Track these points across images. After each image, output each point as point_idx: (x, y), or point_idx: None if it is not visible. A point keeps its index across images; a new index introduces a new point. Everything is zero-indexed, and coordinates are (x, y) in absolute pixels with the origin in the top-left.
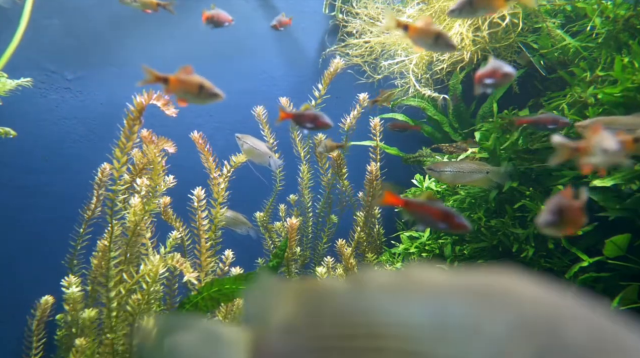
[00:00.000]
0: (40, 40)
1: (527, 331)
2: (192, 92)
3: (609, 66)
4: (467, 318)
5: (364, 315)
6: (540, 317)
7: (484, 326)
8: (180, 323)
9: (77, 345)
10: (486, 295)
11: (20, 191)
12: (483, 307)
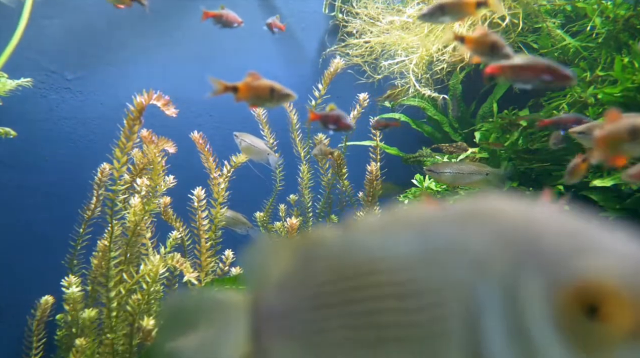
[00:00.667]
0: (40, 40)
1: (505, 242)
2: (263, 96)
3: (609, 66)
4: (451, 240)
5: (355, 258)
6: (518, 227)
7: (466, 245)
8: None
9: (77, 345)
10: (468, 217)
11: (20, 191)
12: (465, 228)
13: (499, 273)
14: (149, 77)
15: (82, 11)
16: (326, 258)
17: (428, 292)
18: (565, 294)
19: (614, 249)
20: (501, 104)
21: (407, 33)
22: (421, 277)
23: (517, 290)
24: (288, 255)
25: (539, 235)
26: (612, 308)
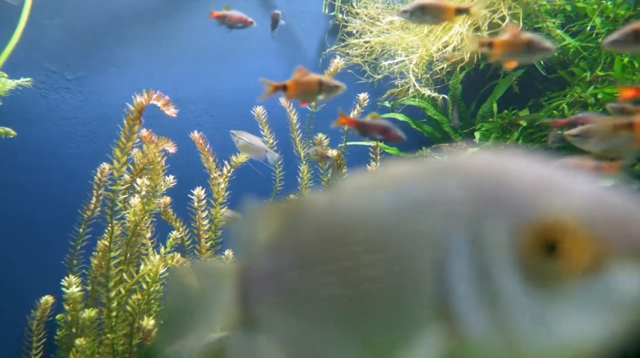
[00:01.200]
0: (40, 40)
1: (471, 190)
2: (312, 91)
3: (609, 66)
4: (421, 194)
5: (335, 219)
6: (483, 176)
7: (436, 196)
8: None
9: (77, 345)
10: (438, 172)
11: (20, 191)
12: (435, 181)
13: (465, 221)
14: (149, 77)
15: (82, 11)
16: (310, 222)
17: (400, 244)
18: (525, 234)
19: (572, 190)
20: (501, 104)
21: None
22: (394, 231)
23: (482, 234)
24: (275, 221)
25: (502, 181)
26: (569, 244)
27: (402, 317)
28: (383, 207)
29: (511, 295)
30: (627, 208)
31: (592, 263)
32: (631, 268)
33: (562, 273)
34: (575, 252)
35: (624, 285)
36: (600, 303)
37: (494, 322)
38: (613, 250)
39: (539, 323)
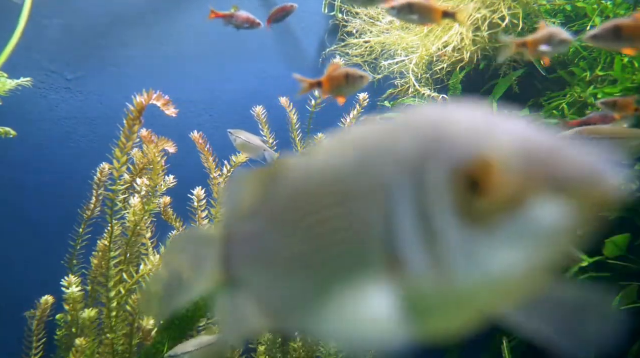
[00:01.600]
0: (40, 40)
1: (420, 138)
2: (341, 84)
3: (609, 66)
4: (379, 147)
5: (305, 179)
6: (432, 125)
7: (390, 147)
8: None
9: (77, 345)
10: (397, 125)
11: (20, 191)
12: (392, 134)
13: (409, 167)
14: (149, 77)
15: (82, 11)
16: (283, 184)
17: (357, 197)
18: (456, 175)
19: (501, 131)
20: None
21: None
22: (351, 185)
23: (423, 179)
24: (256, 186)
25: (440, 128)
26: (494, 182)
27: (360, 265)
28: (342, 164)
29: (448, 234)
30: (550, 146)
31: (515, 200)
32: (550, 202)
33: (490, 210)
34: (499, 189)
35: (544, 218)
36: (523, 237)
37: (435, 262)
38: (534, 186)
39: (471, 259)
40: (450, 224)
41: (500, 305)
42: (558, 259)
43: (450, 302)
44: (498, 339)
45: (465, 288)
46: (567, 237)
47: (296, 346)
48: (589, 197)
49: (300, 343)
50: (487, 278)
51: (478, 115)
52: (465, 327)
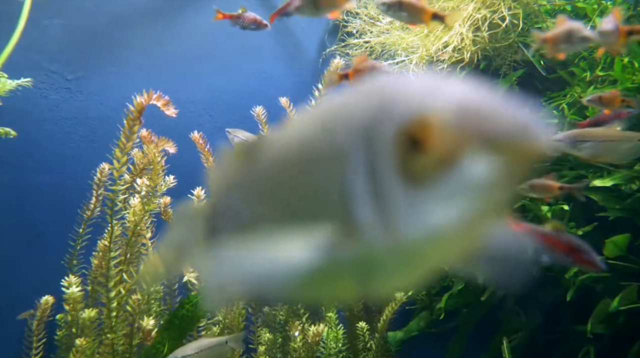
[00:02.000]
0: (40, 40)
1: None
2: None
3: (609, 66)
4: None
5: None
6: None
7: (351, 114)
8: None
9: (77, 345)
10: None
11: (20, 191)
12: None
13: (363, 131)
14: (149, 77)
15: (82, 11)
16: (260, 158)
17: (321, 164)
18: (399, 134)
19: (442, 92)
20: None
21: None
22: (316, 153)
23: (373, 141)
24: (237, 162)
25: (392, 93)
26: (431, 140)
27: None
28: (306, 135)
29: (393, 193)
30: (483, 104)
31: (451, 156)
32: (483, 157)
33: (429, 167)
34: (437, 146)
35: (478, 173)
36: (460, 192)
37: (383, 221)
38: (468, 142)
39: (414, 216)
40: (395, 183)
41: (444, 259)
42: (493, 211)
43: (400, 259)
44: (498, 339)
45: (410, 244)
46: (500, 190)
47: (296, 346)
48: (517, 151)
49: (301, 343)
50: (429, 233)
51: (423, 80)
52: (415, 282)
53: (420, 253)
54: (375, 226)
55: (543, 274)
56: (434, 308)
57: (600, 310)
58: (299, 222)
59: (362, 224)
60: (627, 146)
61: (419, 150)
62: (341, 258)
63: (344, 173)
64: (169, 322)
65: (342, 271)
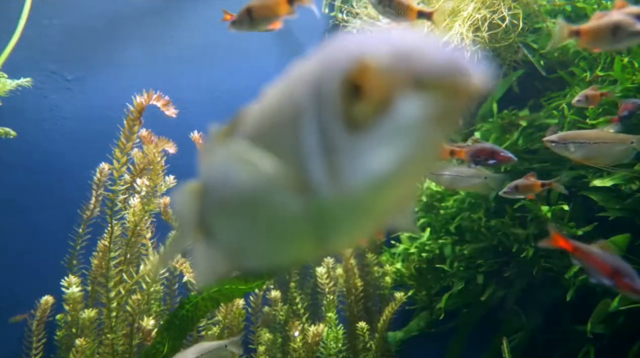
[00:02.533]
0: (40, 40)
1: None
2: None
3: (608, 66)
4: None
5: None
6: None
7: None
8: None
9: (77, 345)
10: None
11: (20, 191)
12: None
13: (315, 86)
14: (149, 77)
15: (82, 11)
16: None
17: (286, 124)
18: (341, 83)
19: (381, 38)
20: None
21: None
22: (282, 114)
23: (321, 96)
24: (222, 138)
25: (341, 47)
26: (367, 85)
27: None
28: (274, 99)
29: (338, 143)
30: (417, 46)
31: (386, 98)
32: (417, 97)
33: (369, 112)
34: (375, 89)
35: (412, 113)
36: (397, 133)
37: (331, 172)
38: (401, 83)
39: (357, 163)
40: (340, 132)
41: (391, 206)
42: (433, 152)
43: (350, 209)
44: (498, 339)
45: (357, 191)
46: (437, 129)
47: (296, 346)
48: (449, 88)
49: (300, 343)
50: (373, 178)
51: (370, 33)
52: (368, 234)
53: (368, 201)
54: (325, 178)
55: (543, 274)
56: (434, 308)
57: (600, 310)
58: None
59: (314, 178)
60: (619, 148)
61: (360, 97)
62: (298, 213)
63: (300, 131)
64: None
65: (300, 226)
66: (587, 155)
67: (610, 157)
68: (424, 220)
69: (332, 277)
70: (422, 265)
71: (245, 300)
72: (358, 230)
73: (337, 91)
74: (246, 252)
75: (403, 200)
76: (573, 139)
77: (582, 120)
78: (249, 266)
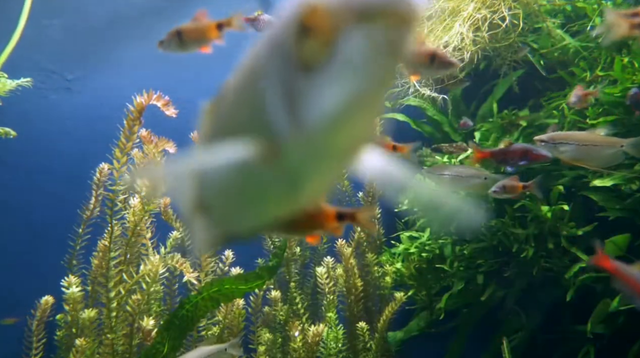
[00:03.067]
0: (40, 40)
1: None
2: (422, 62)
3: (609, 66)
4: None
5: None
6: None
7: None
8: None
9: (77, 345)
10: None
11: (20, 191)
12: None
13: (275, 41)
14: (149, 77)
15: (82, 11)
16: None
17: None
18: (294, 27)
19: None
20: (501, 104)
21: None
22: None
23: (280, 45)
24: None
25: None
26: (315, 24)
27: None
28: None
29: (295, 87)
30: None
31: (334, 35)
32: (362, 30)
33: (318, 52)
34: (320, 29)
35: (359, 46)
36: (346, 69)
37: (291, 118)
38: (346, 20)
39: (314, 104)
40: (297, 76)
41: (351, 143)
42: (384, 84)
43: (313, 154)
44: (498, 339)
45: (316, 131)
46: (385, 60)
47: (296, 346)
48: (390, 17)
49: (300, 343)
50: (329, 115)
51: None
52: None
53: (328, 140)
54: (287, 123)
55: (543, 274)
56: (434, 308)
57: (600, 310)
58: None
59: (278, 128)
60: (608, 152)
61: (311, 36)
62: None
63: (264, 83)
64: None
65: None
66: (576, 156)
67: (599, 159)
68: (424, 220)
69: (332, 277)
70: (422, 265)
71: (245, 300)
72: (324, 174)
73: (290, 36)
74: (235, 220)
75: (362, 137)
76: (562, 139)
77: (582, 120)
78: (238, 231)
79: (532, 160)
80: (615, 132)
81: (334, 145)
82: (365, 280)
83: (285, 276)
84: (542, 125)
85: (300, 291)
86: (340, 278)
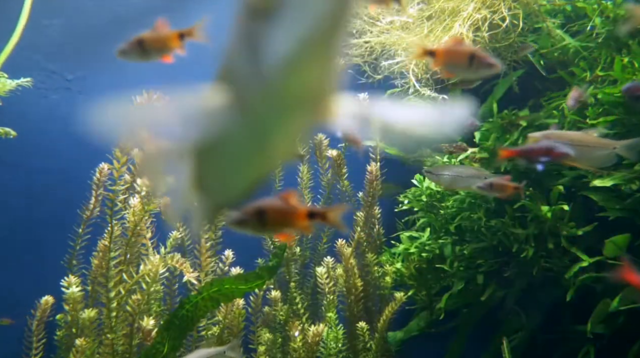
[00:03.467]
0: (40, 40)
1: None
2: (461, 64)
3: (609, 66)
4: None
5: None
6: None
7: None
8: None
9: (77, 345)
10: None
11: (20, 191)
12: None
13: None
14: (150, 77)
15: (82, 11)
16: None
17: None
18: None
19: None
20: (501, 104)
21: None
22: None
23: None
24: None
25: None
26: None
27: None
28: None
29: (254, 34)
30: None
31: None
32: None
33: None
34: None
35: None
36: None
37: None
38: None
39: (272, 49)
40: (255, 24)
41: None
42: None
43: (277, 101)
44: (498, 339)
45: (276, 79)
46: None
47: (296, 346)
48: None
49: (300, 343)
50: (285, 58)
51: None
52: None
53: (287, 87)
54: (250, 73)
55: (543, 274)
56: (434, 308)
57: (600, 310)
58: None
59: (243, 78)
60: (601, 153)
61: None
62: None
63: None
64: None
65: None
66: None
67: (591, 160)
68: (424, 220)
69: (332, 277)
70: (422, 265)
71: (245, 300)
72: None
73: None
74: (221, 187)
75: (321, 82)
76: (555, 139)
77: (582, 120)
78: (226, 199)
79: (554, 158)
80: (615, 132)
81: (293, 90)
82: (365, 280)
83: (285, 276)
84: (542, 125)
85: (300, 291)
86: (340, 278)
